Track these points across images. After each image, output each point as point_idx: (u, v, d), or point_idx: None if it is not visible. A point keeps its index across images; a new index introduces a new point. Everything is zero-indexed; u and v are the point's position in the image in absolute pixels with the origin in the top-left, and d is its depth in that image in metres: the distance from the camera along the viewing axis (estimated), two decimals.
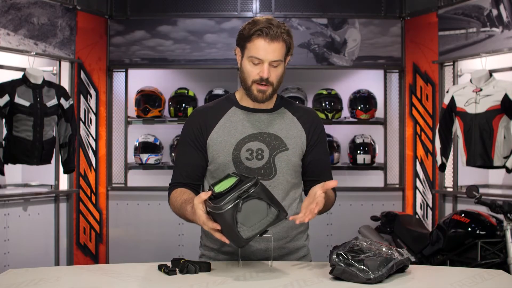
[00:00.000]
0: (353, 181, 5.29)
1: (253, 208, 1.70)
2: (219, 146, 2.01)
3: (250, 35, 1.95)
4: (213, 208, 1.69)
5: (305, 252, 2.13)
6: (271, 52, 1.94)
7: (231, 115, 2.06)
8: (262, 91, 1.98)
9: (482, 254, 3.43)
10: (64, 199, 4.84)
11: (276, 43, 1.94)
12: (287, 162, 2.02)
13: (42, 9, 4.49)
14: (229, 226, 1.68)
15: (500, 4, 4.22)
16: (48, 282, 1.70)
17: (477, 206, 3.72)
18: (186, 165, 2.05)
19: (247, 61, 1.98)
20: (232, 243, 1.72)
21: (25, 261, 4.29)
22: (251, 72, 1.97)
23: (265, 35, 1.93)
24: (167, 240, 5.11)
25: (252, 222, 1.69)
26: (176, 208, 1.98)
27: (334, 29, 5.22)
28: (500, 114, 4.04)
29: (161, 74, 5.47)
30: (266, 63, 1.94)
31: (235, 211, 1.67)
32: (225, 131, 2.03)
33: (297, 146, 2.05)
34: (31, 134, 4.15)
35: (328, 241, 5.04)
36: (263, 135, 2.03)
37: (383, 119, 5.26)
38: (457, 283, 1.70)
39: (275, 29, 1.93)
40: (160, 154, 5.17)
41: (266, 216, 1.71)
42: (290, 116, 2.09)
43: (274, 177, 2.00)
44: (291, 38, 2.00)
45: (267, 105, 2.07)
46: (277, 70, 1.98)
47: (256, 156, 2.00)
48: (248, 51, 1.97)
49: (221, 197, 1.69)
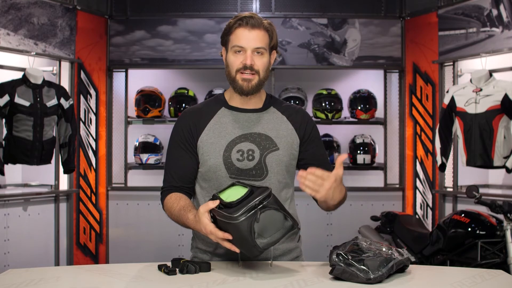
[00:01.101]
0: (353, 181, 5.29)
1: (270, 218, 1.70)
2: (209, 148, 2.00)
3: (230, 27, 1.98)
4: (227, 218, 1.68)
5: (298, 253, 2.12)
6: (253, 39, 1.95)
7: (220, 116, 2.04)
8: (247, 80, 1.97)
9: (482, 254, 3.42)
10: (64, 199, 4.84)
11: (258, 31, 1.96)
12: (278, 162, 2.00)
13: (42, 9, 4.49)
14: (244, 236, 1.67)
15: (500, 4, 4.22)
16: (48, 282, 1.70)
17: (477, 206, 3.72)
18: (178, 168, 2.04)
19: (231, 53, 1.98)
20: (246, 252, 1.72)
21: (25, 261, 4.29)
22: (234, 62, 1.97)
23: (246, 24, 1.95)
24: (167, 240, 5.11)
25: (269, 232, 1.70)
26: (173, 215, 1.96)
27: (334, 29, 5.22)
28: (500, 114, 4.04)
29: (161, 74, 5.47)
30: (248, 50, 1.95)
31: (253, 222, 1.67)
32: (215, 132, 2.02)
33: (287, 146, 2.03)
34: (31, 134, 4.15)
35: (328, 241, 5.04)
36: (253, 135, 2.01)
37: (383, 119, 5.26)
38: (457, 283, 1.70)
39: (255, 18, 1.96)
40: (160, 154, 5.17)
41: (282, 227, 1.72)
42: (280, 115, 2.07)
43: (266, 177, 1.99)
44: (273, 29, 2.01)
45: (256, 105, 2.06)
46: (262, 58, 1.98)
47: (247, 157, 1.98)
48: (230, 43, 1.98)
49: (233, 207, 1.69)
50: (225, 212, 1.69)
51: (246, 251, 1.71)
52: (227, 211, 1.69)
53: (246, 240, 1.68)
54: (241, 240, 1.69)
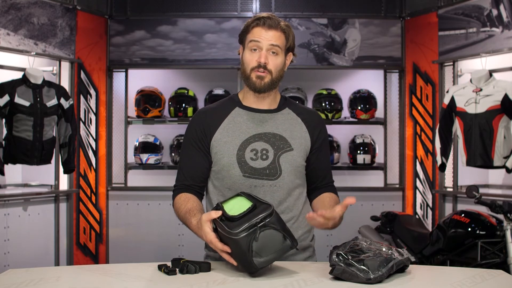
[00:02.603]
0: (353, 181, 5.29)
1: (269, 238, 1.71)
2: (223, 147, 2.01)
3: (248, 26, 2.02)
4: (227, 233, 1.70)
5: (311, 252, 2.13)
6: (269, 37, 1.98)
7: (234, 116, 2.06)
8: (260, 77, 1.99)
9: (482, 254, 3.42)
10: (64, 199, 4.84)
11: (274, 31, 1.99)
12: (292, 163, 2.02)
13: (42, 9, 4.49)
14: (243, 253, 1.69)
15: (500, 4, 4.22)
16: (48, 282, 1.70)
17: (477, 206, 3.72)
18: (190, 167, 2.05)
19: (247, 51, 2.01)
20: (243, 267, 1.74)
21: (25, 261, 4.29)
22: (250, 60, 2.00)
23: (263, 24, 1.99)
24: (167, 240, 5.11)
25: (267, 252, 1.70)
26: (180, 216, 1.98)
27: (334, 29, 5.22)
28: (500, 114, 4.04)
29: (161, 74, 5.47)
30: (264, 49, 1.98)
31: (252, 240, 1.68)
32: (229, 131, 2.03)
33: (301, 147, 2.05)
34: (31, 134, 4.15)
35: (328, 241, 5.04)
36: (268, 135, 2.02)
37: (383, 119, 5.26)
38: (457, 283, 1.70)
39: (273, 19, 2.00)
40: (160, 154, 5.17)
41: (281, 247, 1.73)
42: (295, 117, 2.09)
43: (279, 177, 2.00)
44: (290, 31, 2.03)
45: (271, 105, 2.08)
46: (276, 59, 2.00)
47: (261, 156, 1.99)
48: (247, 40, 2.01)
49: (234, 221, 1.70)
50: (226, 226, 1.71)
51: (244, 266, 1.73)
52: (228, 225, 1.71)
53: (244, 256, 1.69)
54: (240, 255, 1.71)
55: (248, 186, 1.99)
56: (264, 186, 1.99)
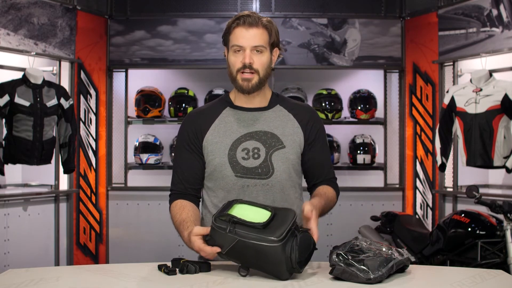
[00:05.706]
0: (353, 181, 5.29)
1: (305, 240, 1.72)
2: (214, 147, 2.00)
3: (229, 26, 2.00)
4: (261, 240, 1.66)
5: None
6: (250, 37, 1.96)
7: (225, 116, 2.05)
8: (247, 80, 1.98)
9: (482, 254, 3.42)
10: (64, 199, 4.84)
11: (255, 29, 1.97)
12: (284, 160, 2.00)
13: (42, 9, 4.49)
14: (279, 260, 1.67)
15: (500, 4, 4.22)
16: (48, 282, 1.70)
17: (477, 206, 3.71)
18: (184, 170, 2.04)
19: (231, 53, 2.00)
20: (274, 274, 1.70)
21: (25, 261, 4.29)
22: (235, 62, 1.98)
23: (243, 23, 1.97)
24: (167, 240, 5.11)
25: (303, 255, 1.70)
26: (174, 224, 1.97)
27: (334, 29, 5.22)
28: (500, 114, 4.04)
29: (161, 74, 5.47)
30: (247, 49, 1.96)
31: (293, 246, 1.68)
32: (220, 132, 2.02)
33: (294, 144, 2.03)
34: (31, 134, 4.15)
35: (328, 241, 5.02)
36: (259, 133, 2.01)
37: (383, 119, 5.26)
38: (457, 283, 1.70)
39: (253, 16, 1.97)
40: (160, 154, 5.17)
41: (311, 248, 1.75)
42: (286, 113, 2.07)
43: (272, 176, 1.98)
44: (273, 26, 2.01)
45: (261, 103, 2.07)
46: (262, 57, 1.98)
47: (253, 156, 1.98)
48: (230, 43, 2.00)
49: (258, 228, 1.68)
50: (252, 233, 1.67)
51: (276, 273, 1.70)
52: (255, 232, 1.67)
53: (280, 263, 1.67)
54: (272, 263, 1.68)
55: (240, 186, 1.97)
56: (256, 186, 1.97)
